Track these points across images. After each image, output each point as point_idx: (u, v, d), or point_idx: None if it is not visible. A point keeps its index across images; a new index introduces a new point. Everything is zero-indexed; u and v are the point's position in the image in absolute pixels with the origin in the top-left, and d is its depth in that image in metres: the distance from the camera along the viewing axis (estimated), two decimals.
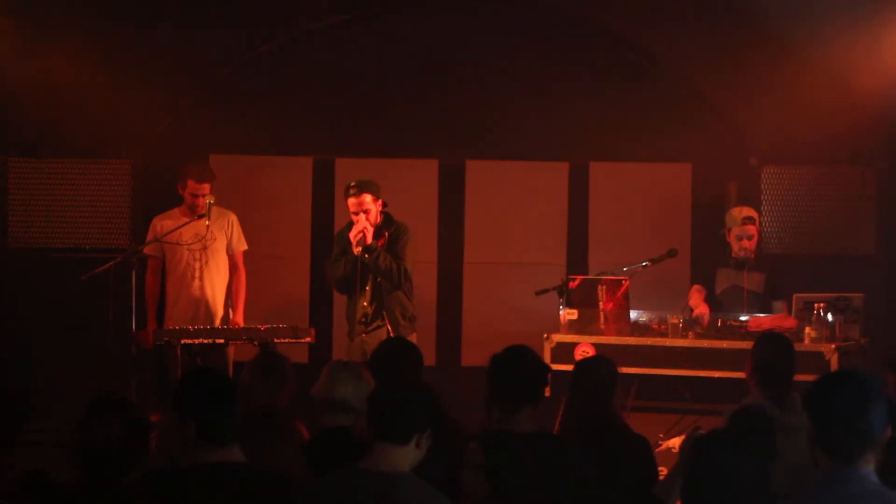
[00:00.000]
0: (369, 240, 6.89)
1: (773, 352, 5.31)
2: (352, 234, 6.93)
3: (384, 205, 7.06)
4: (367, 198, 6.94)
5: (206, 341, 6.84)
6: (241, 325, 7.28)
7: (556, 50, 8.30)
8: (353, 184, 7.00)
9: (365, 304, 6.97)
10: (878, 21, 7.89)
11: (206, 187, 7.38)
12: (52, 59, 7.95)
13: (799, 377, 5.56)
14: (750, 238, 7.21)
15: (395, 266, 6.92)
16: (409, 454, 3.64)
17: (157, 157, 8.27)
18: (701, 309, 7.05)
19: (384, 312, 6.98)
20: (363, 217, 6.93)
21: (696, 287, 7.37)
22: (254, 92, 8.31)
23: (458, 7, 8.31)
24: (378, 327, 6.98)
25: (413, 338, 7.06)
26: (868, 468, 3.08)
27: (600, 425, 4.87)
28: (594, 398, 4.92)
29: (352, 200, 6.97)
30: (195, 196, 7.32)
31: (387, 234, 7.04)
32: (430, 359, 7.88)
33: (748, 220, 7.24)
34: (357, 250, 6.89)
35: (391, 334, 6.92)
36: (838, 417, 3.06)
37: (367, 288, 6.96)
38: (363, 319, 6.97)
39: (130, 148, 8.03)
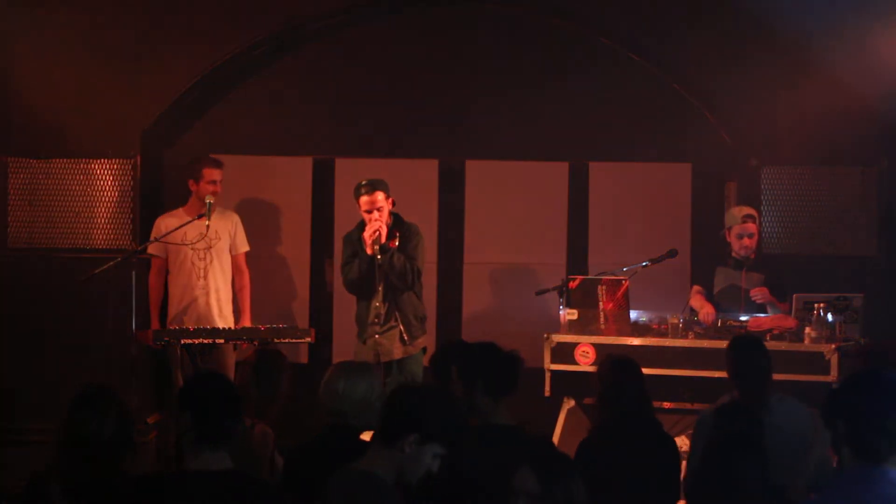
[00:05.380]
0: (384, 238, 6.85)
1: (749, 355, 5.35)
2: (366, 234, 6.86)
3: (393, 204, 7.04)
4: (380, 195, 6.90)
5: (206, 341, 6.82)
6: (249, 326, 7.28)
7: (556, 50, 8.29)
8: (363, 182, 6.95)
9: (377, 304, 6.93)
10: (878, 21, 7.92)
11: (221, 174, 7.44)
12: (53, 60, 7.96)
13: (799, 377, 5.58)
14: (751, 236, 7.20)
15: (409, 266, 6.89)
16: (393, 457, 3.58)
17: (157, 157, 8.28)
18: (707, 309, 7.04)
19: (396, 313, 6.95)
20: (377, 215, 6.89)
21: (696, 288, 7.37)
22: (254, 92, 8.31)
23: (459, 7, 8.31)
24: (391, 328, 6.96)
25: (424, 339, 7.06)
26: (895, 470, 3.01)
27: (639, 422, 4.96)
28: (636, 395, 5.01)
29: (364, 199, 6.91)
30: (213, 182, 7.37)
31: (398, 234, 7.00)
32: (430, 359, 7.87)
33: (748, 217, 7.23)
34: (374, 248, 6.85)
35: (404, 335, 6.90)
36: (868, 417, 3.01)
37: (380, 288, 6.93)
38: (376, 320, 6.93)
39: (131, 148, 8.02)
